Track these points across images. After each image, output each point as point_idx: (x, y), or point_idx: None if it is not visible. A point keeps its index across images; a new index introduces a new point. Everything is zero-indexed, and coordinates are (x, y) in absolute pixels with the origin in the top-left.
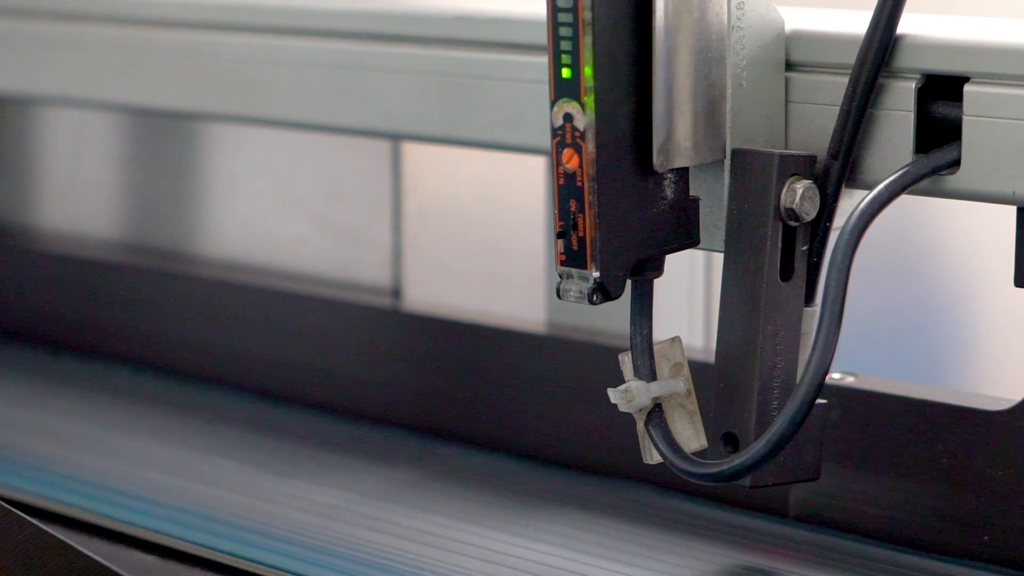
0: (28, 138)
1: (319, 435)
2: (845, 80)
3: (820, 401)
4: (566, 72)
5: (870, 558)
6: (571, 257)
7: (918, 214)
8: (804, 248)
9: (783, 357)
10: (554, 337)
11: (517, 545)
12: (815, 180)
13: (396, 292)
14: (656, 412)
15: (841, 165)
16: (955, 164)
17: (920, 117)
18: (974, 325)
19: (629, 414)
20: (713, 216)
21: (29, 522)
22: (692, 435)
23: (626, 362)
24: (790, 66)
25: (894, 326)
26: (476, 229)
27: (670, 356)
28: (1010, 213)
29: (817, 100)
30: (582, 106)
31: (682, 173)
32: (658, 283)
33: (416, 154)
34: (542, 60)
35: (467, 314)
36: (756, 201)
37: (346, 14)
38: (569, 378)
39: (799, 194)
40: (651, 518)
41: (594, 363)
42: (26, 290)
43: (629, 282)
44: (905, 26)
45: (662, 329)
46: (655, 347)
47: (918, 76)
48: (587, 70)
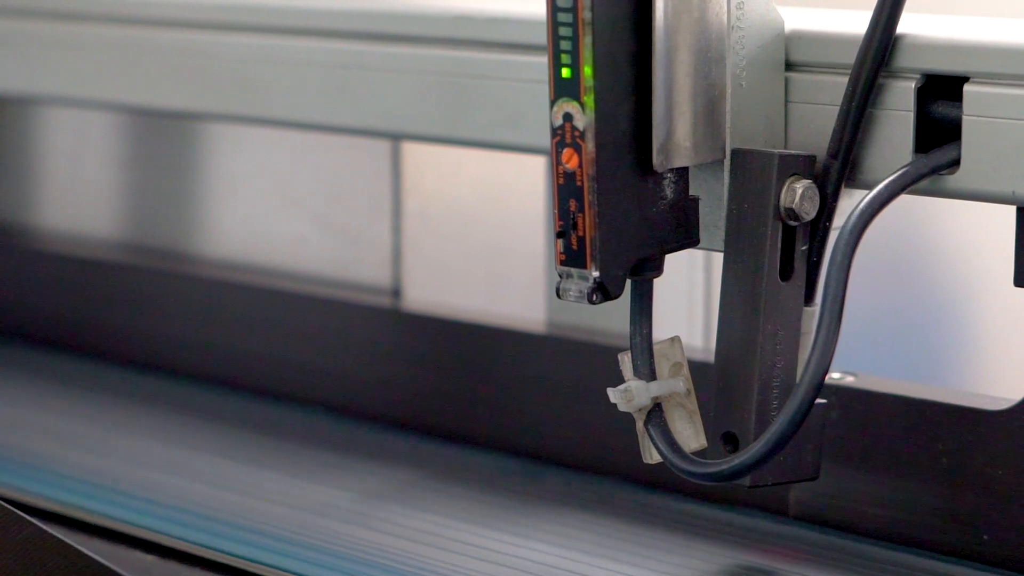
0: (28, 138)
1: (319, 435)
2: (845, 80)
3: (820, 401)
4: (566, 72)
5: (870, 558)
6: (571, 257)
7: (918, 214)
8: (804, 248)
9: (783, 357)
10: (554, 337)
11: (517, 545)
12: (815, 180)
13: (396, 292)
14: (656, 412)
15: (841, 165)
16: (955, 164)
17: (920, 117)
18: (974, 325)
19: (629, 414)
20: (713, 216)
21: (29, 521)
22: (692, 435)
23: (626, 362)
24: (790, 66)
25: (894, 326)
26: (476, 229)
27: (670, 356)
28: (1010, 213)
29: (817, 100)
30: (582, 106)
31: (682, 173)
32: (658, 283)
33: (416, 154)
34: (542, 60)
35: (467, 314)
36: (756, 201)
37: (346, 14)
38: (569, 378)
39: (799, 194)
40: (651, 518)
41: (594, 363)
42: (26, 290)
43: (629, 282)
44: (905, 26)
45: (662, 329)
46: (655, 347)
47: (918, 76)
48: (587, 70)
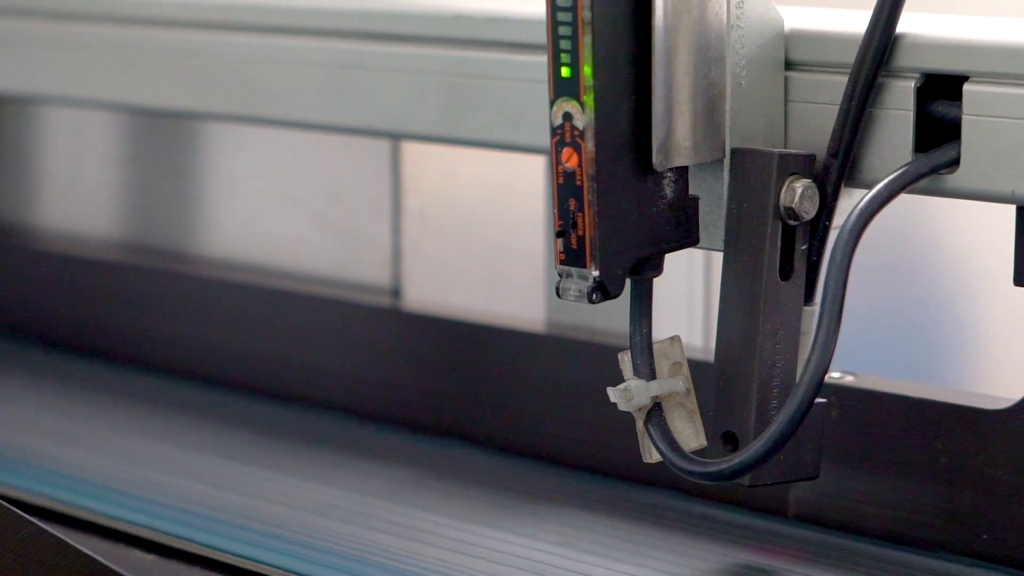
0: (28, 138)
1: (319, 435)
2: (844, 79)
3: (820, 400)
4: (565, 71)
5: (870, 557)
6: (570, 256)
7: (918, 213)
8: (804, 247)
9: (782, 356)
10: (554, 337)
11: (517, 544)
12: (814, 179)
13: (396, 292)
14: (655, 411)
15: (840, 164)
16: (954, 163)
17: (919, 116)
18: (974, 324)
19: (629, 413)
20: (712, 215)
21: (28, 521)
22: (691, 434)
23: (625, 361)
24: (789, 65)
25: (894, 325)
26: (476, 229)
27: (669, 355)
28: (1010, 212)
29: (816, 99)
30: (581, 105)
31: (681, 172)
32: (658, 282)
33: (416, 154)
34: (542, 59)
35: (467, 314)
36: (755, 200)
37: (346, 14)
38: (569, 378)
39: (798, 193)
40: (651, 518)
41: (594, 363)
42: (26, 290)
43: (628, 281)
44: (904, 25)
45: (662, 328)
46: (654, 346)
47: (917, 75)
48: (586, 69)
